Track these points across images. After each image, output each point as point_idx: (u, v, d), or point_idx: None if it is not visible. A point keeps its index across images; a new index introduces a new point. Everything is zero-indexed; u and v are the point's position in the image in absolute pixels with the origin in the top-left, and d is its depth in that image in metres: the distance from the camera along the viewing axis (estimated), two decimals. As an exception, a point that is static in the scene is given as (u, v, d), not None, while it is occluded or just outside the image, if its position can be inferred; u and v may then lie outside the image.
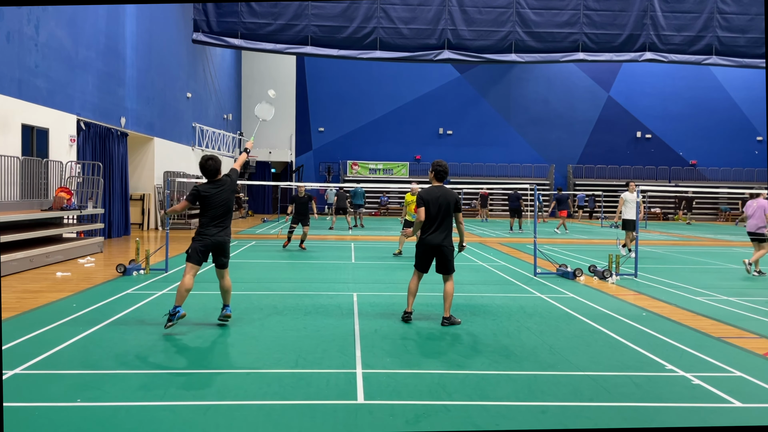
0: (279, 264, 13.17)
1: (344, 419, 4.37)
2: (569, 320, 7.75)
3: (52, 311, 7.75)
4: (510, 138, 38.21)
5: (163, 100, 23.48)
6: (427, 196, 7.40)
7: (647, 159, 38.45)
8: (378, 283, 10.66)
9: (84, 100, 16.70)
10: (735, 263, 14.35)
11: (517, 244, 18.33)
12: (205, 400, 4.69)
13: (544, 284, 10.59)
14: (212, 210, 6.84)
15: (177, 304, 6.64)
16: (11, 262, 10.72)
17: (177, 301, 6.66)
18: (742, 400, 4.88)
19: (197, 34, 23.69)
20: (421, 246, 7.48)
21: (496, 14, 24.20)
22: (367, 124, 37.73)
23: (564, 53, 24.68)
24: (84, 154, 16.52)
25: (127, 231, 19.32)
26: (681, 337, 6.87)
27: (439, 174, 7.51)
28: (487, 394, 4.94)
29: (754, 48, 24.85)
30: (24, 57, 13.59)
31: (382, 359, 5.84)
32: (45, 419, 4.33)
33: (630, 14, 24.46)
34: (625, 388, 5.15)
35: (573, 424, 4.36)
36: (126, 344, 6.23)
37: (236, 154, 34.16)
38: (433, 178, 7.57)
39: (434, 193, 7.41)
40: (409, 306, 7.57)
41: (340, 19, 23.85)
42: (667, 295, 9.77)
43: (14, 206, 12.45)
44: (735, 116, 38.17)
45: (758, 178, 37.69)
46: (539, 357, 6.03)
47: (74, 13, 15.99)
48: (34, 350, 5.90)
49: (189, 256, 6.84)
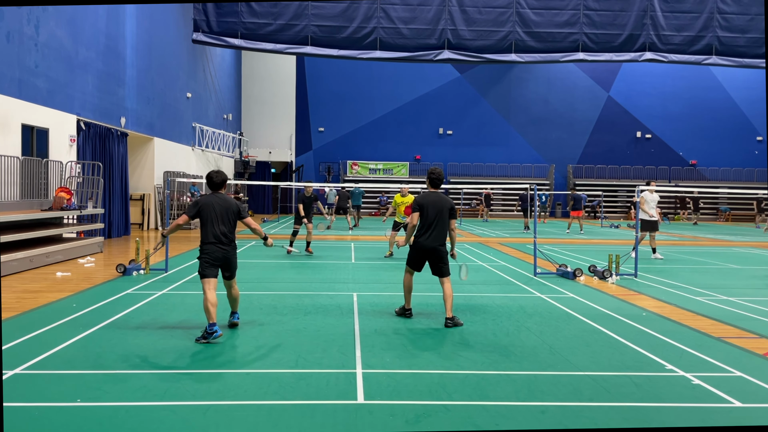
0: (279, 264, 13.17)
1: (344, 419, 4.37)
2: (569, 320, 7.75)
3: (52, 311, 7.75)
4: (510, 138, 38.21)
5: (163, 100, 23.48)
6: (423, 201, 7.57)
7: (647, 159, 38.44)
8: (378, 283, 10.65)
9: (84, 100, 16.69)
10: (735, 263, 14.35)
11: (517, 244, 18.33)
12: (205, 400, 4.69)
13: (544, 284, 10.59)
14: (211, 223, 6.60)
15: (211, 321, 6.36)
16: (11, 262, 10.72)
17: (209, 318, 6.38)
18: (742, 400, 4.88)
19: (197, 34, 23.70)
20: (416, 249, 7.60)
21: (496, 14, 24.20)
22: (367, 124, 37.72)
23: (564, 53, 24.68)
24: (84, 154, 16.52)
25: (127, 231, 19.32)
26: (681, 337, 6.87)
27: (433, 182, 7.72)
28: (487, 394, 4.94)
29: (754, 48, 24.85)
30: (24, 57, 13.59)
31: (382, 359, 5.84)
32: (45, 419, 4.33)
33: (630, 14, 24.46)
34: (625, 388, 5.15)
35: (573, 424, 4.36)
36: (126, 344, 6.23)
37: (236, 155, 34.17)
38: (429, 185, 7.77)
39: (430, 198, 7.58)
40: (407, 302, 7.74)
41: (340, 19, 23.85)
42: (667, 295, 9.77)
43: (14, 206, 12.45)
44: (735, 116, 38.15)
45: (758, 178, 37.68)
46: (539, 357, 6.03)
47: (74, 13, 15.98)
48: (34, 350, 5.90)
49: (202, 273, 6.58)
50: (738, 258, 15.21)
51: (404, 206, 13.88)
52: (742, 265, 14.03)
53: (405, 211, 13.71)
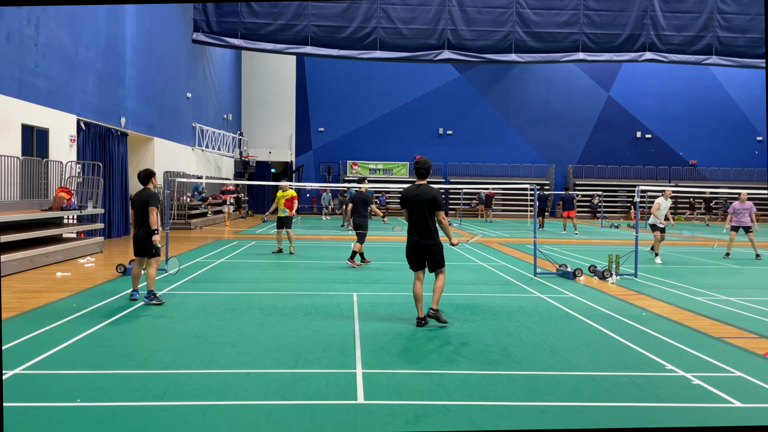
0: (279, 264, 13.17)
1: (344, 419, 4.37)
2: (569, 320, 7.75)
3: (52, 311, 7.75)
4: (510, 138, 38.21)
5: (163, 100, 23.48)
6: (406, 195, 7.24)
7: (647, 159, 38.44)
8: (378, 283, 10.65)
9: (84, 100, 16.69)
10: (735, 263, 14.35)
11: (517, 244, 18.33)
12: (205, 400, 4.69)
13: (544, 284, 10.59)
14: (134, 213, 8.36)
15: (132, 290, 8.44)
16: (11, 262, 10.72)
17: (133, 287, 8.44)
18: (742, 400, 4.88)
19: (197, 34, 23.70)
20: (407, 247, 7.34)
21: (496, 14, 24.21)
22: (367, 124, 37.72)
23: (564, 53, 24.68)
24: (84, 154, 16.52)
25: (127, 231, 19.32)
26: (681, 337, 6.86)
27: (418, 172, 7.26)
28: (487, 394, 4.94)
29: (754, 48, 24.85)
30: (24, 57, 13.59)
31: (381, 359, 5.84)
32: (45, 419, 4.33)
33: (630, 14, 24.46)
34: (625, 388, 5.15)
35: (573, 424, 4.36)
36: (126, 344, 6.24)
37: (236, 154, 34.17)
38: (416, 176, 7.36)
39: (411, 192, 7.21)
40: (419, 311, 7.28)
41: (340, 19, 23.86)
42: (667, 295, 9.76)
43: (14, 206, 12.45)
44: (735, 116, 38.15)
45: (758, 178, 37.67)
46: (539, 357, 6.03)
47: (74, 13, 15.99)
48: (34, 350, 5.90)
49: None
50: (738, 258, 15.21)
51: (283, 200, 14.76)
52: (742, 265, 14.03)
53: (286, 204, 14.70)
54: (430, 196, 7.09)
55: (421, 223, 7.13)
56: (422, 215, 7.10)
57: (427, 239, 7.14)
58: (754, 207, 15.01)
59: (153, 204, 8.16)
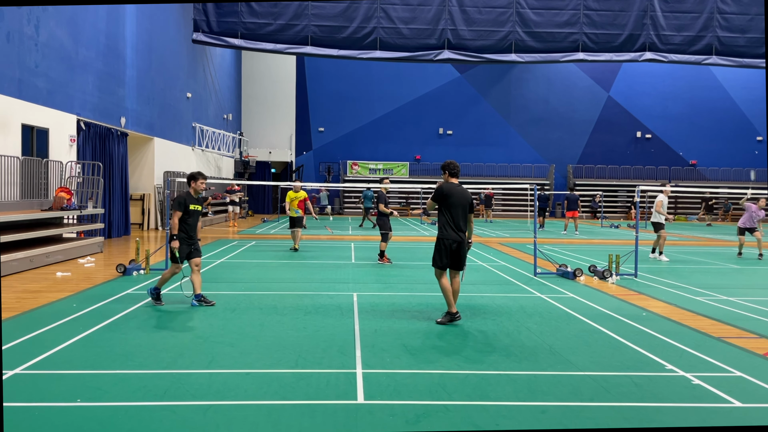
0: (279, 264, 13.17)
1: (344, 419, 4.37)
2: (569, 320, 7.75)
3: (52, 311, 7.75)
4: (510, 138, 38.21)
5: (163, 100, 23.48)
6: (451, 191, 7.41)
7: (647, 159, 38.45)
8: (378, 283, 10.65)
9: (84, 100, 16.69)
10: (735, 263, 14.35)
11: (517, 244, 18.32)
12: (205, 400, 4.69)
13: (544, 284, 10.59)
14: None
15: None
16: (11, 262, 10.72)
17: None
18: (742, 400, 4.88)
19: (197, 34, 23.69)
20: (451, 242, 7.31)
21: (496, 14, 24.20)
22: (367, 124, 37.72)
23: (564, 53, 24.68)
24: (84, 154, 16.52)
25: (127, 231, 19.32)
26: (681, 337, 6.86)
27: (452, 173, 7.66)
28: (487, 394, 4.94)
29: (754, 48, 24.85)
30: (24, 57, 13.59)
31: (382, 359, 5.83)
32: (45, 419, 4.33)
33: (630, 14, 24.46)
34: (625, 388, 5.14)
35: (573, 424, 4.36)
36: (126, 344, 6.23)
37: (236, 155, 34.17)
38: (449, 177, 7.66)
39: (455, 189, 7.43)
40: (450, 306, 7.37)
41: (340, 19, 23.85)
42: (667, 295, 9.76)
43: (14, 206, 12.44)
44: (735, 116, 38.16)
45: (758, 178, 37.68)
46: (539, 357, 6.03)
47: (74, 13, 15.98)
48: (34, 350, 5.90)
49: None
50: (738, 258, 15.21)
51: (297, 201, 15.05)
52: (743, 265, 14.03)
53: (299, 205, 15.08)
54: (469, 196, 7.50)
55: (462, 221, 7.40)
56: (464, 213, 7.42)
57: (466, 237, 7.41)
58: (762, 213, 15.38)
59: (172, 207, 8.12)
